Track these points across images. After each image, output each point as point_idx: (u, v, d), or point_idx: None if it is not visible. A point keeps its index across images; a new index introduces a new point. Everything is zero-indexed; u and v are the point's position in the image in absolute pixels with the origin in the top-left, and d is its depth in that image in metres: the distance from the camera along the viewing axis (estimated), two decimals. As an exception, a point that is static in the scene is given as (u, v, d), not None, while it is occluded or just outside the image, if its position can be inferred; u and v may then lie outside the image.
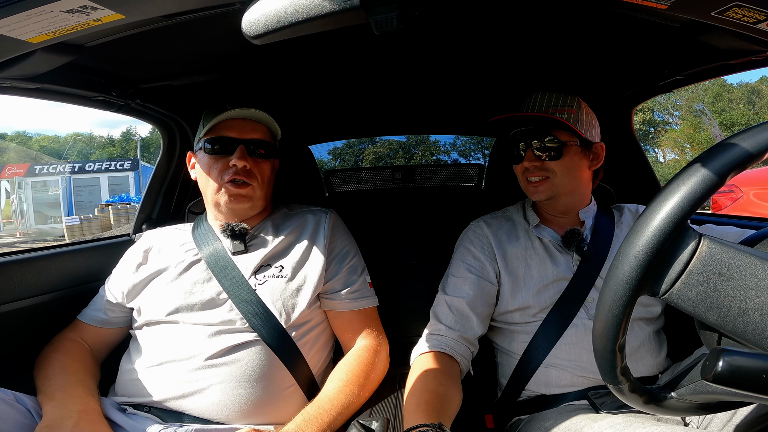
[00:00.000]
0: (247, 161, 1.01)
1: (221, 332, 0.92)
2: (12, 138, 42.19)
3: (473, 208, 1.36)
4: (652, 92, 1.30)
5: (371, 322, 1.07)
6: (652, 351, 0.96)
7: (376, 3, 0.52)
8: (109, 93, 1.08)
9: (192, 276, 0.99)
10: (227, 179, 1.01)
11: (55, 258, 1.13)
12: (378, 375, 1.00)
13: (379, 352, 1.02)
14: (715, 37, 0.80)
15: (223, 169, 1.01)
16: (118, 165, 22.34)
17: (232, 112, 1.01)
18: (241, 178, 1.01)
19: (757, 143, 0.44)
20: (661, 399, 0.53)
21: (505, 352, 1.05)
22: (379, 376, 1.00)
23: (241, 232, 1.03)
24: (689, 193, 0.45)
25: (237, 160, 1.00)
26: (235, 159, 1.00)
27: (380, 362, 1.01)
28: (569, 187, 1.01)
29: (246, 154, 1.02)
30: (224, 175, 1.01)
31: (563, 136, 0.98)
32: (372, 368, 0.98)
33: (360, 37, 0.99)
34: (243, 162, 1.00)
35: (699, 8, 0.56)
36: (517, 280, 1.01)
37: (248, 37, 0.57)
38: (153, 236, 1.11)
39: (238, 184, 1.01)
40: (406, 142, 26.71)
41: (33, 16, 0.55)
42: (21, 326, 1.01)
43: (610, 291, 0.48)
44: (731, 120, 24.33)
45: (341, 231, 1.13)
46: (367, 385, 0.95)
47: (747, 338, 0.44)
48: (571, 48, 1.07)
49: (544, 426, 0.85)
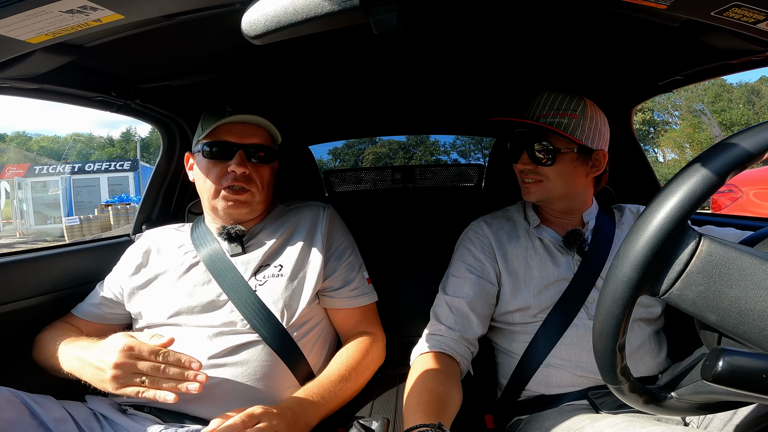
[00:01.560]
0: (246, 167, 1.00)
1: (222, 333, 0.92)
2: (12, 138, 42.17)
3: (473, 208, 1.36)
4: (652, 92, 1.30)
5: (370, 316, 1.11)
6: (652, 351, 0.96)
7: (376, 3, 0.52)
8: (109, 93, 1.08)
9: (192, 278, 0.99)
10: (225, 185, 1.00)
11: (55, 258, 1.13)
12: (373, 360, 1.03)
13: (375, 340, 1.06)
14: (715, 37, 0.80)
15: (221, 174, 1.01)
16: (117, 165, 22.31)
17: (233, 117, 1.00)
18: (239, 184, 1.00)
19: (757, 143, 0.44)
20: (661, 399, 0.53)
21: (505, 352, 1.05)
22: (374, 361, 1.04)
23: (237, 235, 1.03)
24: (689, 193, 0.45)
25: (236, 167, 0.99)
26: (234, 165, 0.99)
27: (376, 349, 1.05)
28: (562, 192, 1.01)
29: (245, 159, 1.01)
30: (222, 181, 1.00)
31: (559, 142, 0.97)
32: (368, 353, 1.01)
33: (360, 37, 0.99)
34: (242, 168, 0.99)
35: (699, 8, 0.56)
36: (518, 280, 1.01)
37: (248, 38, 0.57)
38: (152, 237, 1.11)
39: (237, 190, 1.01)
40: (405, 142, 26.73)
41: (33, 17, 0.55)
42: (21, 326, 1.01)
43: (610, 291, 0.48)
44: (731, 120, 24.34)
45: (338, 227, 1.13)
46: (362, 369, 0.99)
47: (747, 338, 0.44)
48: (571, 48, 1.07)
49: (544, 426, 0.85)
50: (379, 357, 1.05)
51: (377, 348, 1.05)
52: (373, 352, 1.03)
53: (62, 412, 0.83)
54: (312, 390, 0.89)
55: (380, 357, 1.06)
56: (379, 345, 1.06)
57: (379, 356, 1.06)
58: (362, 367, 0.99)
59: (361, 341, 1.03)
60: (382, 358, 1.07)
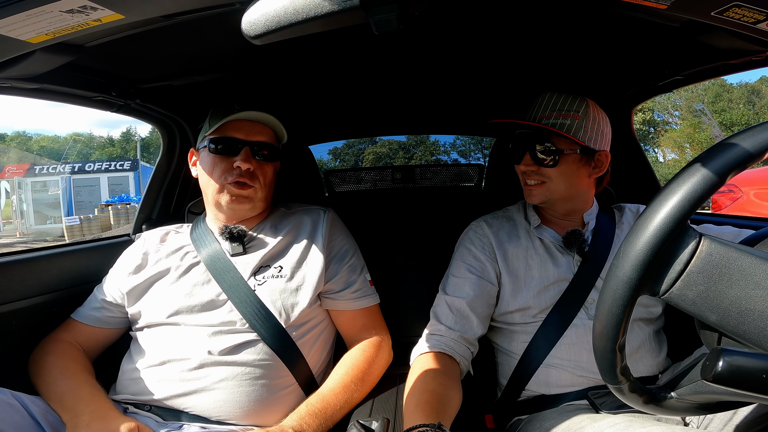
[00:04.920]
0: (251, 163, 1.01)
1: (221, 333, 0.92)
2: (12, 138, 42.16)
3: (473, 208, 1.35)
4: (652, 92, 1.30)
5: (374, 318, 1.09)
6: (652, 351, 0.96)
7: (376, 3, 0.52)
8: (109, 93, 1.08)
9: (191, 278, 0.99)
10: (231, 180, 1.01)
11: (55, 258, 1.13)
12: (379, 369, 1.02)
13: (381, 346, 1.04)
14: (715, 37, 0.80)
15: (226, 170, 1.01)
16: (117, 165, 22.32)
17: (241, 114, 1.01)
18: (244, 179, 1.01)
19: (757, 143, 0.44)
20: (661, 399, 0.53)
21: (505, 352, 1.05)
22: (381, 370, 1.02)
23: (239, 234, 1.03)
24: (689, 193, 0.45)
25: (242, 162, 1.00)
26: (240, 161, 1.00)
27: (382, 356, 1.03)
28: (565, 194, 1.01)
29: (251, 156, 1.02)
30: (228, 176, 1.01)
31: (562, 144, 0.97)
32: (374, 362, 1.00)
33: (360, 37, 0.99)
34: (248, 164, 1.00)
35: (699, 8, 0.56)
36: (518, 280, 1.01)
37: (248, 37, 0.57)
38: (151, 237, 1.11)
39: (241, 185, 1.01)
40: (406, 142, 26.72)
41: (33, 16, 0.55)
42: (21, 326, 1.01)
43: (610, 291, 0.48)
44: (731, 120, 24.33)
45: (339, 230, 1.13)
46: (368, 379, 0.98)
47: (747, 338, 0.44)
48: (571, 48, 1.07)
49: (544, 426, 0.85)
50: (385, 363, 1.04)
51: (383, 354, 1.04)
52: (379, 360, 1.02)
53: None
54: (315, 405, 0.88)
55: (386, 362, 1.05)
56: (385, 350, 1.05)
57: (386, 362, 1.05)
58: (368, 376, 0.98)
59: (366, 349, 1.02)
60: (388, 362, 1.05)
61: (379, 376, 1.02)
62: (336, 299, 1.05)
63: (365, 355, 1.00)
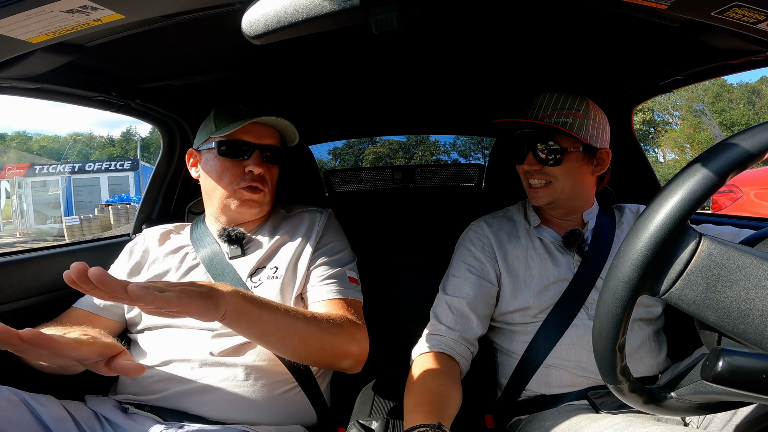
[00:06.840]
0: (262, 167, 1.01)
1: (222, 335, 0.92)
2: (12, 138, 42.16)
3: (473, 208, 1.36)
4: (652, 92, 1.30)
5: (351, 313, 0.94)
6: (652, 351, 0.96)
7: (376, 3, 0.52)
8: (109, 93, 1.08)
9: (191, 279, 0.99)
10: (243, 185, 1.01)
11: (55, 258, 1.13)
12: (334, 345, 0.86)
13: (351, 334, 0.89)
14: (715, 37, 0.80)
15: (238, 174, 1.01)
16: (118, 165, 22.32)
17: (260, 119, 1.00)
18: (256, 184, 1.01)
19: (757, 143, 0.44)
20: (661, 399, 0.53)
21: (505, 352, 1.05)
22: (335, 347, 0.86)
23: (238, 237, 1.03)
24: (689, 193, 0.45)
25: (254, 167, 1.00)
26: (252, 165, 1.00)
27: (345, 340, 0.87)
28: (570, 192, 1.01)
29: (261, 160, 1.02)
30: (240, 181, 1.01)
31: (565, 142, 0.98)
32: (333, 333, 0.85)
33: (360, 37, 0.99)
34: (260, 169, 1.00)
35: (699, 8, 0.56)
36: (518, 280, 1.01)
37: (248, 37, 0.58)
38: (151, 237, 1.11)
39: (253, 189, 1.01)
40: (406, 142, 26.72)
41: (33, 16, 0.56)
42: (21, 326, 1.00)
43: (610, 291, 0.48)
44: (731, 120, 24.32)
45: (333, 228, 1.12)
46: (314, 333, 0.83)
47: (747, 338, 0.44)
48: (571, 48, 1.07)
49: (544, 426, 0.85)
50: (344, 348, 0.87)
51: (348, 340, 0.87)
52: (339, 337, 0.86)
53: (62, 411, 0.83)
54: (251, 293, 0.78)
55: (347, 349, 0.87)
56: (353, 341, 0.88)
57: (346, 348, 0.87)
58: (318, 331, 0.83)
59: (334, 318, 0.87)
60: (352, 353, 0.88)
61: (333, 354, 0.86)
62: (309, 290, 0.99)
63: (329, 318, 0.87)
